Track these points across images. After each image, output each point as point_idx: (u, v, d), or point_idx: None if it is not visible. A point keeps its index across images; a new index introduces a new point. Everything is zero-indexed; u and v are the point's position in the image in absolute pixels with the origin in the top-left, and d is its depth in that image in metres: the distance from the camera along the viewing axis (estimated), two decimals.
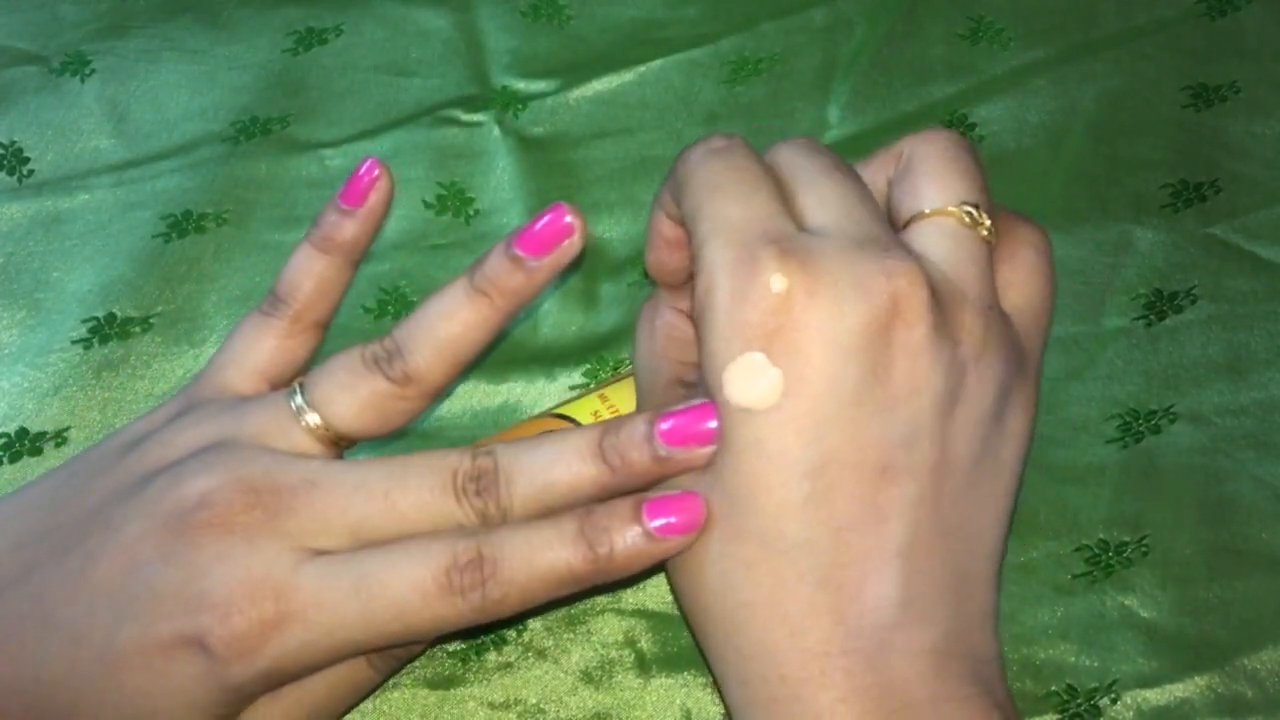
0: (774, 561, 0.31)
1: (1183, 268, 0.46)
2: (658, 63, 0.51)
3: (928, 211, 0.33)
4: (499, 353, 0.44)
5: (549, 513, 0.33)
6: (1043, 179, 0.48)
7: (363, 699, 0.37)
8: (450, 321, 0.34)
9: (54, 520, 0.34)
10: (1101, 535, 0.41)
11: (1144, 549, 0.41)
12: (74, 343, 0.44)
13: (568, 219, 0.34)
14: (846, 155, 0.35)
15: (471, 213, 0.48)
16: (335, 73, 0.51)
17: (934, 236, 0.33)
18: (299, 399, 0.34)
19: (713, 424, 0.32)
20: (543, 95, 0.50)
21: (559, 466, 0.33)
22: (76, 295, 0.45)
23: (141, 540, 0.32)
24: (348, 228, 0.37)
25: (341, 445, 0.35)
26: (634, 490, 0.33)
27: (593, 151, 0.49)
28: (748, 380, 0.31)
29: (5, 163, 0.48)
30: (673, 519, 0.32)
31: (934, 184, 0.33)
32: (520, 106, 0.50)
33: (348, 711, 0.36)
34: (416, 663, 0.39)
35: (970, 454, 0.32)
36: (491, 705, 0.38)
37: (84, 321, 0.45)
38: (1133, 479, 0.42)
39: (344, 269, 0.37)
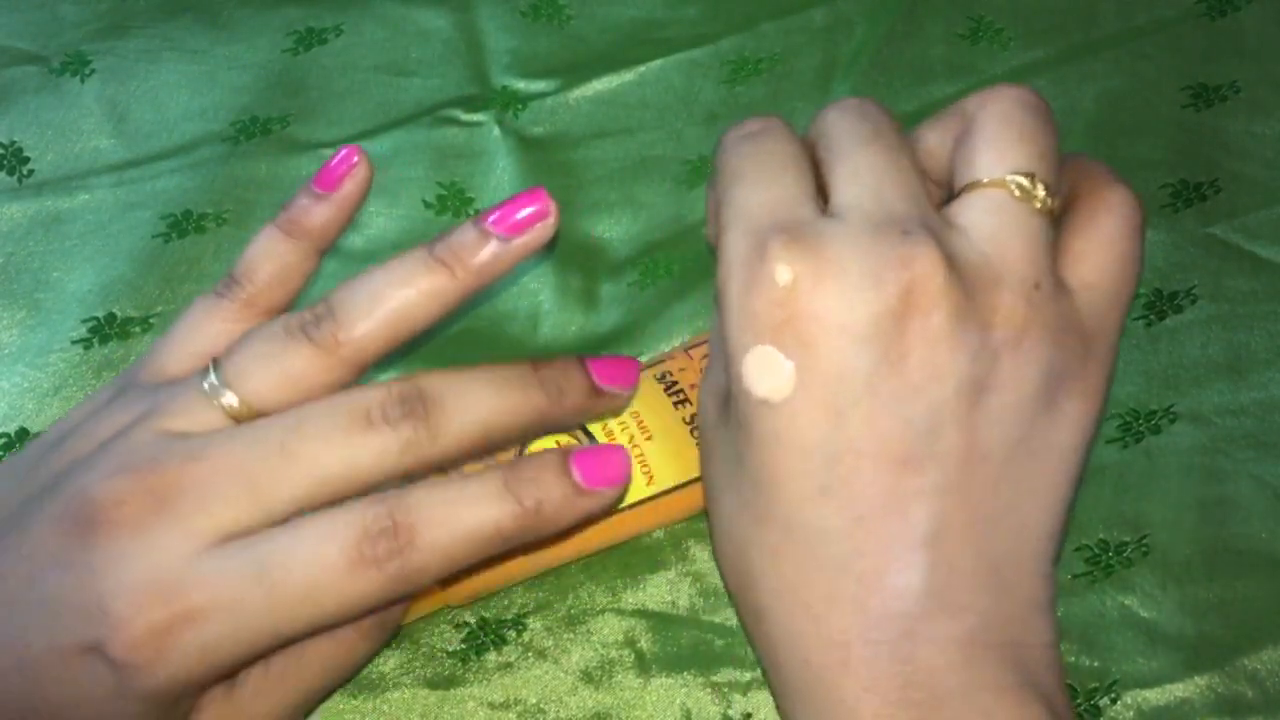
0: (796, 549, 0.31)
1: (1183, 267, 0.46)
2: (658, 63, 0.51)
3: (984, 181, 0.31)
4: (499, 353, 0.44)
5: (484, 450, 0.32)
6: None
7: (361, 668, 0.36)
8: (402, 288, 0.32)
9: None
10: (1101, 535, 0.41)
11: (1144, 549, 0.41)
12: (74, 343, 0.44)
13: (544, 202, 0.33)
14: None
15: (471, 213, 0.48)
16: (335, 73, 0.51)
17: (978, 211, 0.31)
18: (213, 378, 0.32)
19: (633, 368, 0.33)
20: (543, 95, 0.50)
21: (493, 391, 0.31)
22: (76, 295, 0.45)
23: (42, 544, 0.30)
24: (317, 213, 0.35)
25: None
26: (573, 425, 0.32)
27: (593, 151, 0.49)
28: (762, 372, 0.31)
29: (5, 163, 0.48)
30: (600, 471, 0.31)
31: (988, 151, 0.32)
32: (520, 106, 0.50)
33: (346, 682, 0.36)
34: (416, 663, 0.39)
35: (1007, 441, 0.31)
36: (491, 705, 0.38)
37: (84, 321, 0.45)
38: (1133, 479, 0.42)
39: (308, 256, 0.36)
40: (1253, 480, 0.42)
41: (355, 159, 0.35)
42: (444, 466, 0.33)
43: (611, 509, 0.35)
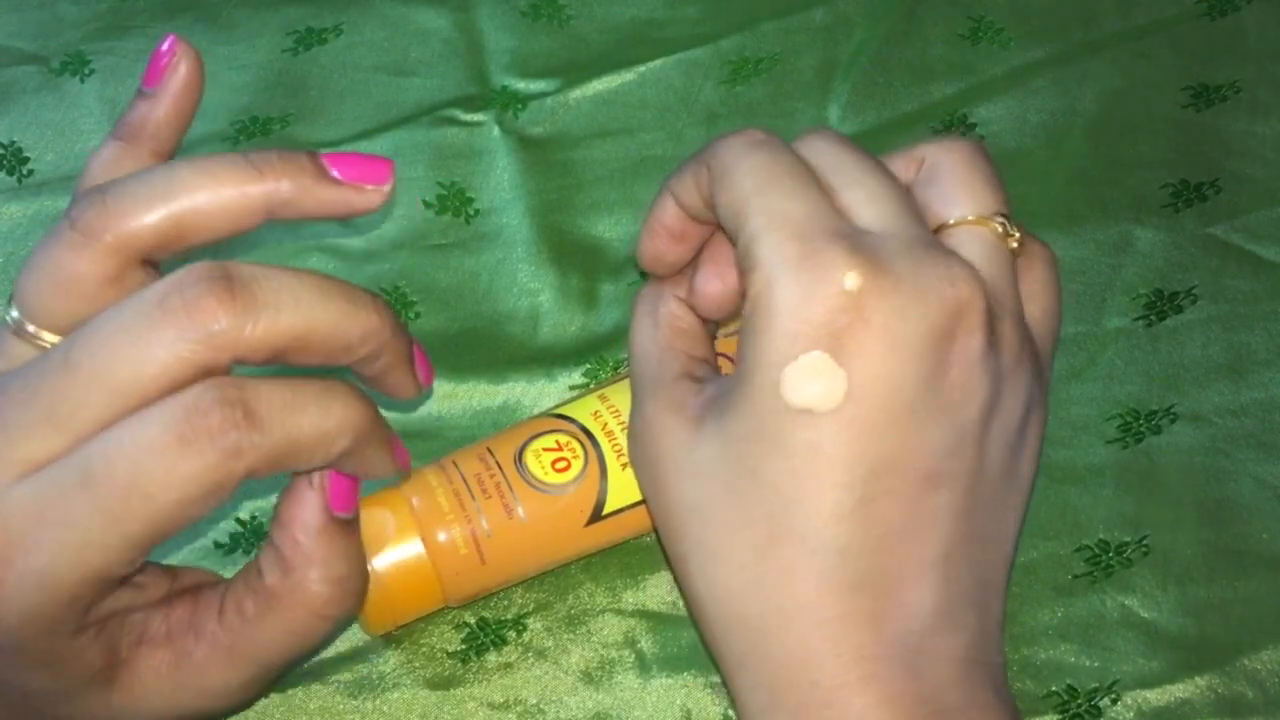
0: (814, 566, 0.30)
1: (1183, 268, 0.46)
2: (658, 63, 0.51)
3: (954, 221, 0.33)
4: (499, 353, 0.44)
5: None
6: (1043, 179, 0.48)
7: (324, 646, 0.36)
8: (201, 182, 0.29)
9: None
10: (1102, 535, 0.41)
11: (1144, 549, 0.41)
12: None
13: (386, 171, 0.31)
14: None
15: (471, 212, 0.48)
16: (335, 72, 0.51)
17: (973, 246, 0.32)
18: (13, 309, 0.30)
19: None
20: (543, 95, 0.50)
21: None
22: None
23: None
24: (145, 111, 0.33)
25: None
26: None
27: (593, 151, 0.49)
28: (810, 380, 0.30)
29: (5, 163, 0.48)
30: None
31: (966, 192, 0.33)
32: (520, 106, 0.50)
33: (304, 661, 0.35)
34: (416, 663, 0.39)
35: (1001, 465, 0.32)
36: (491, 705, 0.38)
37: None
38: (1133, 479, 0.42)
39: (148, 162, 0.33)
40: (1253, 481, 0.42)
41: (175, 49, 0.33)
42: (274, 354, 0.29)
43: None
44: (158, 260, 0.30)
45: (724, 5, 0.52)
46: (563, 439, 0.38)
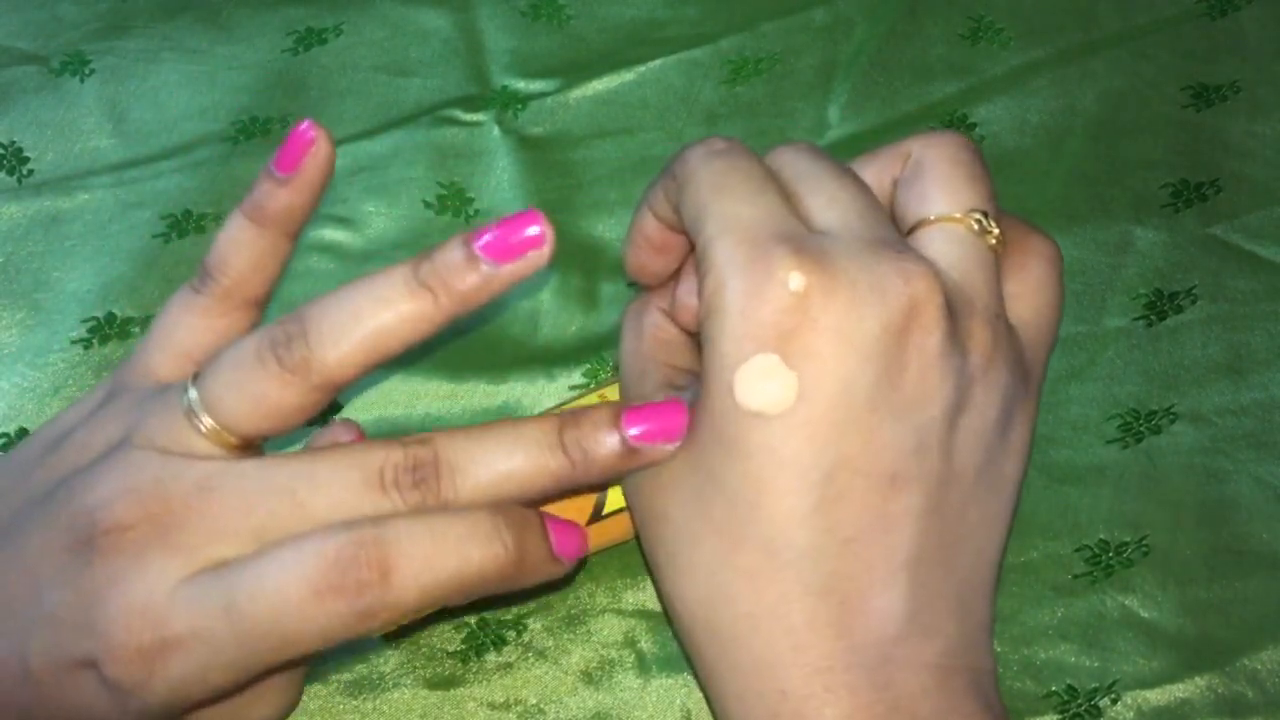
0: (778, 571, 0.30)
1: (1183, 268, 0.46)
2: (658, 63, 0.51)
3: (934, 217, 0.32)
4: (499, 353, 0.44)
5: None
6: (1043, 179, 0.48)
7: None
8: (380, 311, 0.30)
9: None
10: (1102, 535, 0.41)
11: (1144, 549, 0.41)
12: (74, 343, 0.44)
13: (539, 228, 0.30)
14: (846, 155, 0.35)
15: (471, 213, 0.48)
16: (335, 73, 0.51)
17: (943, 243, 0.32)
18: (191, 394, 0.31)
19: (682, 419, 0.31)
20: (543, 95, 0.50)
21: (516, 456, 0.30)
22: (76, 295, 0.45)
23: (42, 558, 0.30)
24: (281, 197, 0.33)
25: (251, 444, 0.31)
26: (592, 489, 0.31)
27: (593, 151, 0.49)
28: (760, 383, 0.30)
29: (5, 163, 0.48)
30: (566, 538, 0.31)
31: (943, 189, 0.33)
32: (520, 106, 0.50)
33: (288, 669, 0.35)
34: (416, 663, 0.39)
35: (974, 466, 0.31)
36: (491, 705, 0.38)
37: (84, 321, 0.45)
38: (1133, 479, 0.42)
39: (279, 242, 0.34)
40: (1253, 481, 0.42)
41: (312, 134, 0.33)
42: None
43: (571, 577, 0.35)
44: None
45: (724, 5, 0.52)
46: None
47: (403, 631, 0.38)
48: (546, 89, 0.50)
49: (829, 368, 0.29)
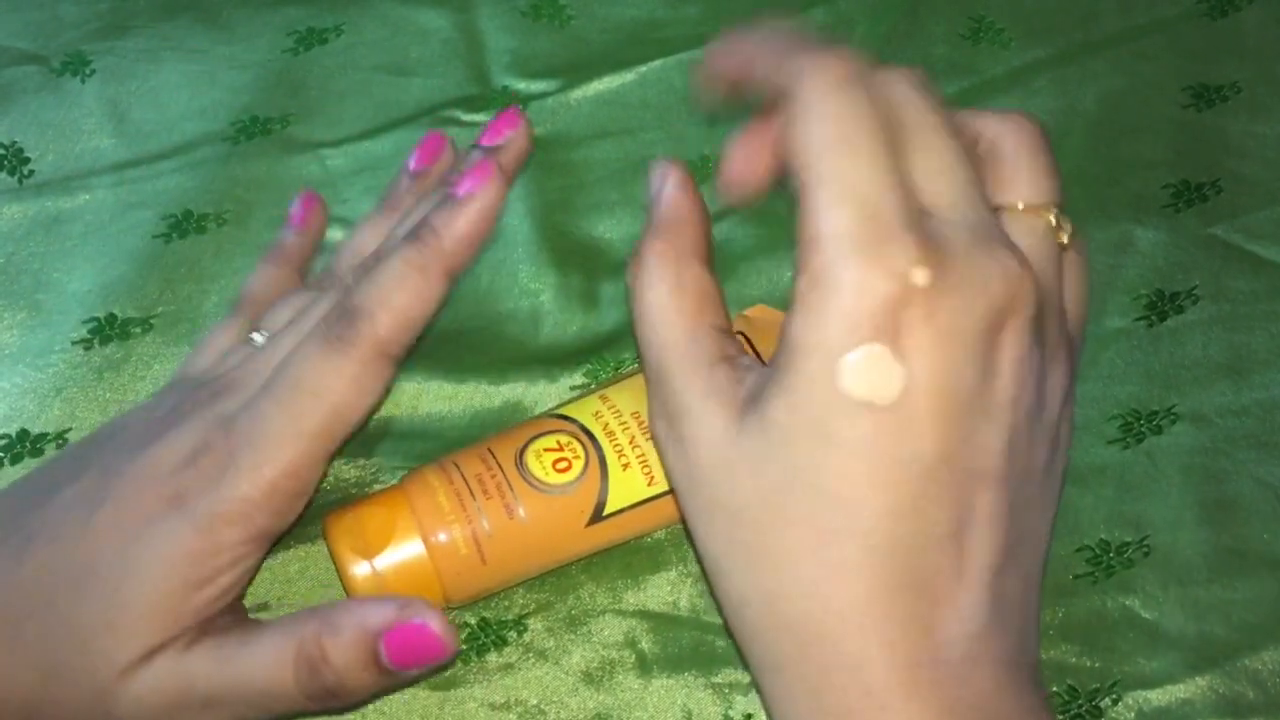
0: (872, 567, 0.29)
1: (1184, 268, 0.46)
2: (658, 63, 0.51)
3: (1022, 207, 0.32)
4: (499, 353, 0.44)
5: None
6: None
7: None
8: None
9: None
10: (1103, 536, 0.41)
11: (1145, 549, 0.41)
12: (74, 343, 0.44)
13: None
14: None
15: None
16: (335, 73, 0.51)
17: (1026, 235, 0.31)
18: (257, 338, 0.39)
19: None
20: (543, 95, 0.50)
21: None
22: (77, 296, 0.45)
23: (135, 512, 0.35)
24: (296, 244, 0.44)
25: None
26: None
27: (593, 152, 0.49)
28: (870, 373, 0.28)
29: (5, 163, 0.48)
30: None
31: (1029, 179, 0.32)
32: (521, 107, 0.50)
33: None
34: None
35: (1042, 462, 0.31)
36: (492, 706, 0.38)
37: (84, 322, 0.45)
38: (1134, 479, 0.42)
39: (297, 271, 0.43)
40: (1254, 481, 0.42)
41: (315, 201, 0.44)
42: None
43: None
44: None
45: (724, 5, 0.52)
46: (564, 439, 0.38)
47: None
48: (547, 89, 0.50)
49: (935, 363, 0.29)
